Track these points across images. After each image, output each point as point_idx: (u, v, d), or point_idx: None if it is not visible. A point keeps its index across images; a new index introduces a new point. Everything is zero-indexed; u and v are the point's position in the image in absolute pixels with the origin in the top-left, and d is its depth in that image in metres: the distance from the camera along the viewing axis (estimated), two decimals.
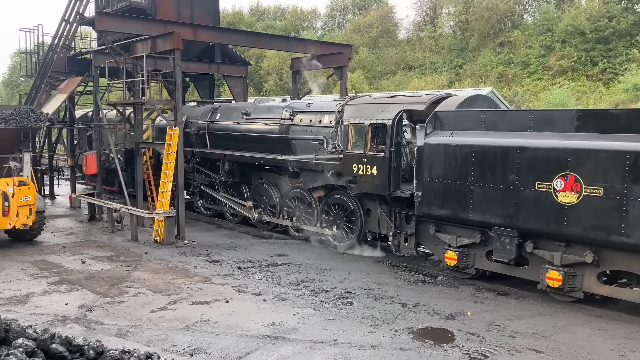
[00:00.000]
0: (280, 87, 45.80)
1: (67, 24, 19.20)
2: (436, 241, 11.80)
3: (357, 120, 13.03)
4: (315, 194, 14.52)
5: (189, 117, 18.64)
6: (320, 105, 14.85)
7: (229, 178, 17.01)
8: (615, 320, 9.11)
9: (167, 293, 10.31)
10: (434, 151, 11.18)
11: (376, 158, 12.53)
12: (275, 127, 15.51)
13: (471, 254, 11.17)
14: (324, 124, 14.26)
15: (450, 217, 11.11)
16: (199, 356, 7.49)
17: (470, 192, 10.63)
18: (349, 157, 13.05)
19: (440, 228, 11.62)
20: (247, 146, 16.43)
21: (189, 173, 18.28)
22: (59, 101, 18.69)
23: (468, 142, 10.67)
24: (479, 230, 10.87)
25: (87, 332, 8.21)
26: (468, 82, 36.91)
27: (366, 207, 13.40)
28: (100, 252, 13.56)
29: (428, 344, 8.00)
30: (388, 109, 12.60)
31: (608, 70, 33.34)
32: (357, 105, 13.47)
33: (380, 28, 48.48)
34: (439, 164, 11.10)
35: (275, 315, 9.12)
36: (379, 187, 12.47)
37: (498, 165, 10.25)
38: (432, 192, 11.25)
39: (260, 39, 20.11)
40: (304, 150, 14.70)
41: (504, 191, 10.17)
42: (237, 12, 59.94)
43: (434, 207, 11.28)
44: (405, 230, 12.44)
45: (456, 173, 10.85)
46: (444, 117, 11.30)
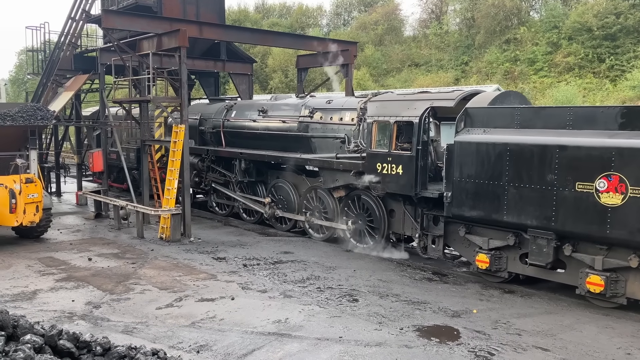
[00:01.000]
0: (286, 85, 45.76)
1: (74, 22, 19.25)
2: (466, 243, 11.35)
3: (382, 117, 12.55)
4: (335, 193, 14.12)
5: (203, 114, 18.40)
6: (341, 102, 14.41)
7: (245, 177, 16.73)
8: (622, 319, 9.07)
9: (173, 290, 10.34)
10: (466, 150, 10.72)
11: (402, 157, 12.08)
12: (294, 124, 15.15)
13: (504, 257, 10.71)
14: (346, 121, 13.85)
15: (483, 219, 10.68)
16: (205, 353, 7.52)
17: (505, 193, 10.20)
18: (373, 156, 12.63)
19: (470, 230, 11.17)
20: (264, 144, 16.10)
21: (203, 172, 18.15)
22: (65, 99, 18.76)
23: (502, 140, 10.24)
24: (512, 232, 10.42)
25: (93, 329, 8.25)
26: (474, 80, 36.76)
27: (389, 207, 12.99)
28: (107, 249, 13.61)
29: (434, 342, 7.99)
30: (414, 105, 12.13)
31: (615, 67, 33.11)
32: (381, 102, 12.99)
33: (385, 25, 48.36)
34: (471, 163, 10.65)
35: (281, 312, 9.13)
36: (405, 187, 12.02)
37: (535, 165, 9.80)
38: (463, 192, 10.80)
39: (265, 36, 20.10)
40: (324, 149, 14.35)
41: (541, 192, 9.73)
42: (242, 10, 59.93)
43: (464, 208, 10.83)
44: (433, 231, 11.95)
45: (489, 172, 10.42)
46: (475, 114, 10.87)
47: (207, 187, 18.44)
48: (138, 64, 16.39)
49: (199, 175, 18.53)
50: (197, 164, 18.18)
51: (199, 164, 18.22)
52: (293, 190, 15.57)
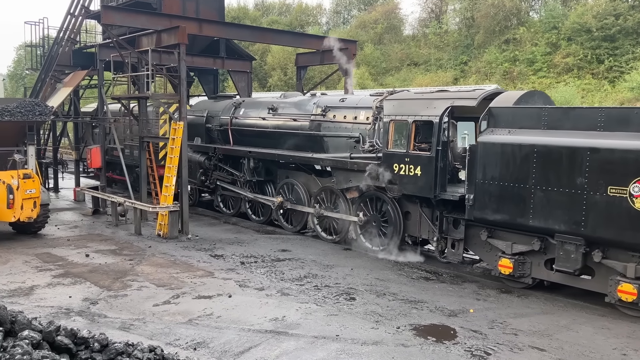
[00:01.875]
0: (285, 83, 45.75)
1: (73, 18, 19.21)
2: (487, 247, 10.96)
3: (399, 116, 12.11)
4: (348, 194, 13.70)
5: (210, 111, 18.11)
6: (355, 101, 13.99)
7: (254, 176, 16.37)
8: (619, 319, 9.10)
9: (171, 287, 10.35)
10: (489, 151, 10.35)
11: (421, 157, 11.68)
12: (305, 123, 14.73)
13: (528, 262, 10.34)
14: (360, 120, 13.43)
15: (507, 223, 10.31)
16: (202, 350, 7.52)
17: (531, 196, 9.83)
18: (389, 157, 12.23)
19: (492, 233, 10.79)
20: (273, 143, 15.72)
21: (210, 170, 17.88)
22: (63, 94, 18.73)
23: (529, 141, 9.86)
24: (538, 237, 10.06)
25: (90, 325, 8.25)
26: (473, 79, 36.81)
27: (405, 209, 12.60)
28: (104, 245, 13.61)
29: (430, 341, 8.01)
30: (434, 104, 11.71)
31: (614, 69, 33.18)
32: (399, 100, 12.53)
33: (385, 24, 48.36)
34: (495, 165, 10.28)
35: (278, 310, 9.14)
36: (424, 188, 11.62)
37: (564, 168, 9.44)
38: (486, 194, 10.42)
39: (265, 34, 20.08)
40: (336, 149, 13.95)
41: (570, 195, 9.36)
42: (242, 7, 59.89)
43: (487, 211, 10.45)
44: (453, 235, 11.56)
45: (514, 175, 10.04)
46: (499, 114, 10.49)
47: (214, 186, 18.14)
48: (137, 60, 16.37)
49: (205, 174, 18.20)
50: (203, 162, 17.88)
51: (206, 162, 17.87)
52: (303, 190, 15.15)
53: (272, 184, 16.39)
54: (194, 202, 19.44)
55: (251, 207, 17.23)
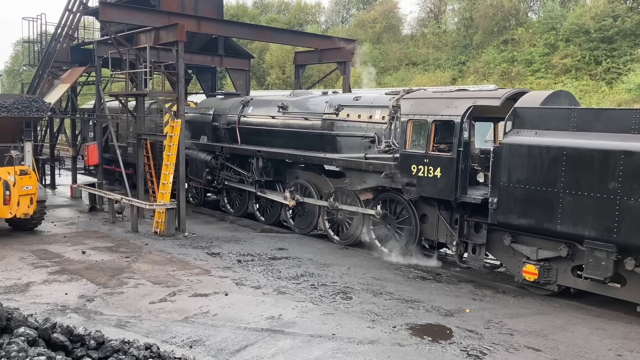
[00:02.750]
0: (283, 81, 45.74)
1: (71, 14, 19.17)
2: (510, 253, 10.59)
3: (418, 116, 11.71)
4: (362, 196, 13.34)
5: (217, 110, 17.72)
6: (370, 99, 13.56)
7: (262, 176, 15.93)
8: (614, 320, 9.13)
9: (167, 285, 10.34)
10: (515, 153, 9.98)
11: (441, 159, 11.30)
12: (317, 122, 14.35)
13: (553, 269, 9.99)
14: (375, 119, 13.00)
15: (532, 228, 9.94)
16: (198, 348, 7.52)
17: (559, 200, 9.46)
18: (407, 157, 11.83)
19: (516, 238, 10.41)
20: (283, 142, 15.33)
21: (216, 170, 17.55)
22: (61, 91, 18.68)
23: (558, 143, 9.49)
24: (565, 243, 9.69)
25: (86, 322, 8.24)
26: (471, 79, 36.85)
27: (422, 211, 12.24)
28: (101, 242, 13.59)
29: (426, 340, 8.02)
30: (455, 104, 11.31)
31: (612, 70, 33.25)
32: (417, 99, 12.11)
33: (384, 23, 48.36)
34: (521, 167, 9.90)
35: (275, 308, 9.15)
36: (444, 191, 11.21)
37: (595, 171, 9.07)
38: (510, 198, 10.04)
39: (264, 32, 20.06)
40: (350, 149, 13.55)
41: (602, 200, 8.99)
42: (240, 5, 59.81)
43: (512, 216, 10.08)
44: (474, 239, 11.19)
45: (542, 178, 9.67)
46: (525, 115, 10.13)
47: (221, 186, 17.68)
48: (135, 57, 16.34)
49: (211, 173, 17.80)
50: (210, 162, 17.52)
51: (212, 162, 17.49)
52: (314, 191, 14.80)
53: (281, 184, 16.03)
54: (199, 202, 19.26)
55: (259, 207, 16.88)
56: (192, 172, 18.18)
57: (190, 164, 18.04)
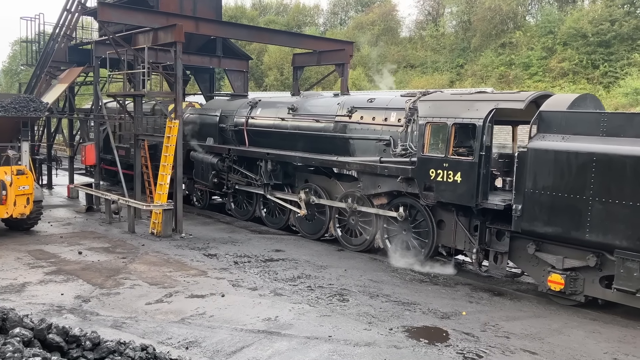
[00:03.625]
0: (281, 83, 45.79)
1: (69, 14, 19.16)
2: (534, 261, 10.24)
3: (437, 118, 11.31)
4: (376, 200, 12.99)
5: (224, 111, 17.33)
6: (385, 101, 13.13)
7: (271, 179, 15.52)
8: (610, 324, 9.15)
9: (163, 286, 10.32)
10: (541, 158, 9.64)
11: (461, 163, 10.89)
12: (329, 124, 13.93)
13: (580, 279, 9.64)
14: (391, 122, 12.59)
15: (559, 236, 9.61)
16: (194, 349, 7.51)
17: (588, 208, 9.13)
18: (425, 161, 11.42)
19: (540, 247, 10.07)
20: (293, 145, 14.91)
21: (223, 172, 17.12)
22: (59, 91, 18.66)
23: (587, 149, 9.17)
24: (594, 252, 9.37)
25: (82, 323, 8.22)
26: (469, 82, 36.93)
27: (439, 217, 11.86)
28: (97, 243, 13.56)
29: (423, 343, 8.02)
30: (475, 106, 10.92)
31: (609, 74, 33.38)
32: (436, 101, 11.75)
33: (382, 26, 48.46)
34: (547, 173, 9.56)
35: (271, 310, 9.14)
36: (464, 196, 10.82)
37: (627, 178, 8.75)
38: (536, 205, 9.70)
39: (262, 33, 20.06)
40: (364, 152, 13.13)
41: (635, 209, 8.66)
42: (239, 6, 59.91)
43: (537, 223, 9.74)
44: (495, 247, 10.80)
45: (569, 184, 9.35)
46: (551, 119, 9.77)
47: (231, 190, 17.11)
48: (133, 57, 16.33)
49: (218, 176, 17.32)
50: (216, 164, 17.05)
51: (219, 164, 17.01)
52: (325, 195, 14.42)
53: (290, 188, 15.66)
54: (204, 205, 18.89)
55: (267, 212, 16.50)
56: (197, 174, 17.92)
57: (196, 166, 17.81)
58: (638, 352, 8.01)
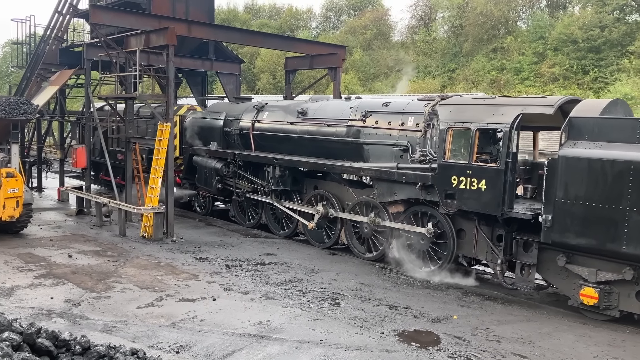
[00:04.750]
0: (274, 86, 45.83)
1: (60, 16, 19.07)
2: (564, 274, 9.83)
3: (459, 123, 10.90)
4: (392, 208, 12.50)
5: (228, 114, 16.83)
6: (402, 106, 12.70)
7: (279, 185, 14.94)
8: (599, 327, 9.20)
9: (154, 289, 10.27)
10: (573, 166, 9.22)
11: (486, 170, 10.45)
12: (342, 129, 13.45)
13: (615, 293, 9.24)
14: (408, 127, 12.16)
15: (592, 248, 9.21)
16: (185, 353, 7.47)
17: (625, 219, 8.75)
18: (447, 168, 10.97)
19: (571, 259, 9.66)
20: (302, 150, 14.42)
21: (227, 178, 16.63)
22: (49, 93, 18.56)
23: (624, 157, 8.77)
24: (630, 265, 8.98)
25: (72, 327, 8.15)
26: (460, 87, 37.14)
27: (459, 226, 11.42)
28: (88, 246, 13.47)
29: (414, 347, 8.03)
30: (501, 111, 10.50)
31: (599, 79, 33.68)
32: (457, 105, 11.33)
33: (374, 30, 48.66)
34: (580, 183, 9.16)
35: (263, 314, 9.12)
36: (489, 205, 10.35)
37: None
38: (567, 216, 9.28)
39: (254, 37, 20.08)
40: (379, 158, 12.66)
41: None
42: (232, 10, 59.93)
43: (569, 235, 9.31)
44: (523, 259, 10.35)
45: (604, 194, 8.94)
46: (582, 125, 9.36)
47: (242, 198, 16.36)
48: (125, 60, 16.27)
49: (222, 182, 16.79)
50: (221, 170, 16.53)
51: (224, 170, 16.49)
52: (336, 203, 13.88)
53: (298, 194, 15.14)
54: (207, 212, 18.43)
55: (274, 219, 15.92)
56: (200, 180, 17.45)
57: (199, 171, 17.38)
58: (627, 355, 8.07)
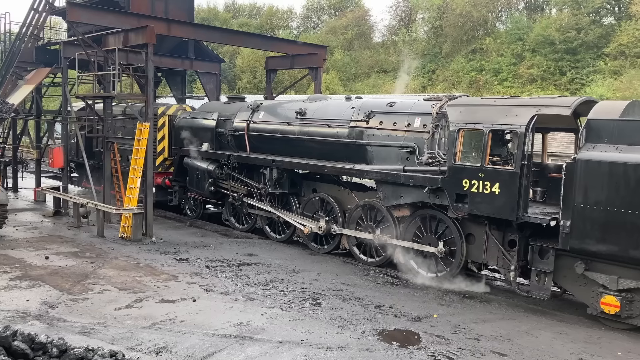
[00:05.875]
0: (254, 86, 45.70)
1: (36, 13, 18.73)
2: (582, 281, 9.49)
3: (471, 125, 10.53)
4: (397, 212, 12.11)
5: (222, 114, 16.24)
6: (408, 106, 12.30)
7: (276, 188, 14.50)
8: (576, 325, 9.36)
9: (133, 291, 10.16)
10: (594, 170, 8.92)
11: (501, 173, 10.07)
12: (343, 130, 12.97)
13: (637, 301, 8.95)
14: (415, 128, 11.76)
15: (614, 255, 8.91)
16: (165, 355, 7.41)
17: None
18: (458, 171, 10.56)
19: (590, 266, 9.33)
20: (301, 151, 13.96)
21: (220, 181, 16.14)
22: (25, 92, 18.24)
23: None
24: None
25: (49, 330, 8.02)
26: (440, 88, 37.47)
27: (468, 231, 11.06)
28: (65, 247, 13.28)
29: (394, 346, 8.07)
30: (515, 112, 10.15)
31: (575, 81, 34.28)
32: (468, 106, 10.96)
33: (355, 30, 48.83)
34: (601, 187, 8.85)
35: (243, 315, 9.08)
36: (503, 209, 9.97)
37: None
38: (587, 221, 8.99)
39: (235, 36, 19.99)
40: (383, 160, 12.21)
41: None
42: (212, 9, 59.66)
43: (589, 241, 9.01)
44: (539, 266, 9.95)
45: (627, 199, 8.63)
46: (601, 128, 9.08)
47: (238, 203, 15.88)
48: (103, 59, 16.07)
49: (215, 184, 16.25)
50: (213, 172, 16.00)
51: (217, 172, 15.99)
52: (336, 206, 13.47)
53: (296, 197, 14.68)
54: (198, 215, 17.86)
55: (269, 223, 15.46)
56: (191, 182, 16.89)
57: (190, 173, 16.83)
58: (603, 352, 8.22)
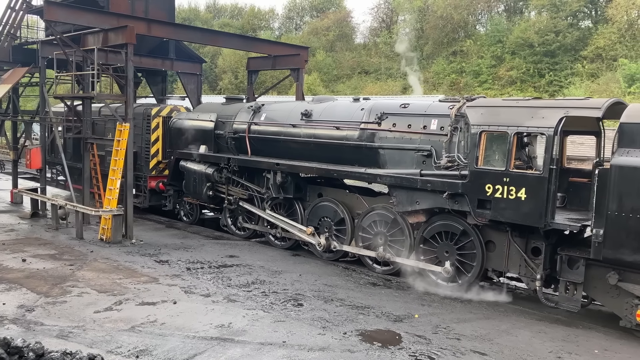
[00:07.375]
0: (236, 86, 45.55)
1: (13, 12, 18.41)
2: (614, 292, 9.11)
3: (494, 127, 10.07)
4: (411, 218, 11.61)
5: (220, 116, 15.69)
6: (423, 107, 11.77)
7: (280, 193, 13.94)
8: (555, 324, 9.49)
9: (113, 293, 10.05)
10: (630, 177, 8.54)
11: (527, 178, 9.65)
12: (353, 132, 12.44)
13: None
14: (432, 130, 11.29)
15: None
16: (145, 358, 7.33)
17: None
18: (480, 175, 10.10)
19: (623, 276, 8.95)
20: (306, 155, 13.40)
21: (219, 184, 15.58)
22: (1, 92, 17.91)
23: None
24: None
25: (26, 333, 7.89)
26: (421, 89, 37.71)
27: (487, 238, 10.65)
28: (43, 250, 13.08)
29: (376, 346, 8.10)
30: (541, 113, 9.71)
31: (554, 83, 34.79)
32: (490, 107, 10.49)
33: (337, 31, 48.95)
34: (637, 194, 8.49)
35: (224, 316, 9.03)
36: (530, 215, 9.53)
37: None
38: (622, 230, 8.59)
39: (216, 36, 19.87)
40: (398, 163, 11.74)
41: None
42: (193, 9, 59.34)
43: (624, 251, 8.61)
44: (568, 276, 9.53)
45: None
46: (636, 132, 8.66)
47: (233, 205, 15.43)
48: (82, 59, 15.86)
49: (213, 188, 15.70)
50: (212, 175, 15.38)
51: (215, 175, 15.37)
52: (345, 212, 12.95)
53: (300, 202, 14.10)
54: (194, 220, 17.25)
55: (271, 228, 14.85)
56: (188, 186, 16.28)
57: (187, 177, 16.25)
58: (580, 350, 8.35)
